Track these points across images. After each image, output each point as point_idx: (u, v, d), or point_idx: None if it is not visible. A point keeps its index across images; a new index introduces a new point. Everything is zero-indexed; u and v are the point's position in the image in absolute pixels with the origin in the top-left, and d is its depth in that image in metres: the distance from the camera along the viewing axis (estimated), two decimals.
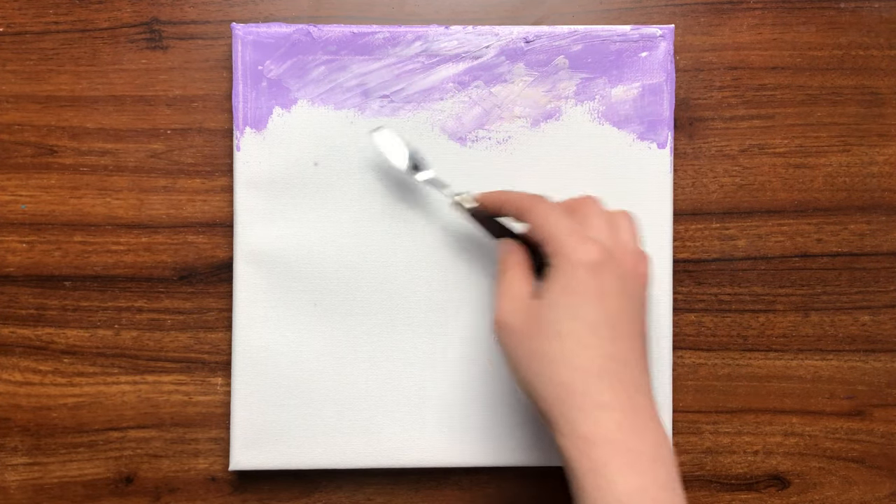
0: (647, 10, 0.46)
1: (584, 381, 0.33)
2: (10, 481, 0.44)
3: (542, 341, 0.34)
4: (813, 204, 0.46)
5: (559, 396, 0.34)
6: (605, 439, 0.32)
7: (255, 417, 0.43)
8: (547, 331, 0.34)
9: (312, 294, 0.43)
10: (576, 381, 0.33)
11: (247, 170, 0.43)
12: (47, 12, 0.45)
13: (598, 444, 0.32)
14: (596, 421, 0.33)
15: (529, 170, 0.44)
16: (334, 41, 0.43)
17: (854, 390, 0.46)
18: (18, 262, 0.45)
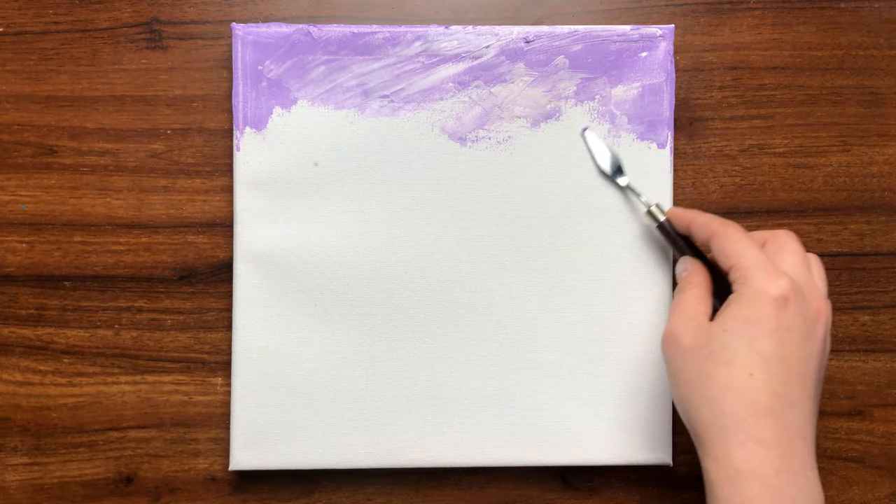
0: (647, 10, 0.46)
1: (749, 413, 0.33)
2: (10, 481, 0.44)
3: (713, 365, 0.34)
4: (813, 204, 0.46)
5: (719, 424, 0.33)
6: (760, 479, 0.32)
7: (255, 417, 0.43)
8: (720, 355, 0.34)
9: (312, 294, 0.43)
10: (739, 412, 0.33)
11: (247, 170, 0.43)
12: (47, 12, 0.45)
13: (751, 482, 0.32)
14: (753, 457, 0.32)
15: (529, 170, 0.44)
16: (334, 41, 0.43)
17: (854, 390, 0.46)
18: (18, 262, 0.45)
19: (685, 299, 0.37)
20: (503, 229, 0.44)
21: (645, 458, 0.44)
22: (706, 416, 0.34)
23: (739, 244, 0.36)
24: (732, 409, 0.33)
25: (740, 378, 0.33)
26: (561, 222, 0.44)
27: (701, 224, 0.39)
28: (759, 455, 0.32)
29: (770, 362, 0.33)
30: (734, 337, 0.34)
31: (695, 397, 0.34)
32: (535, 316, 0.44)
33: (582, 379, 0.44)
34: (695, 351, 0.35)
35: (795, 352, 0.34)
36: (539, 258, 0.44)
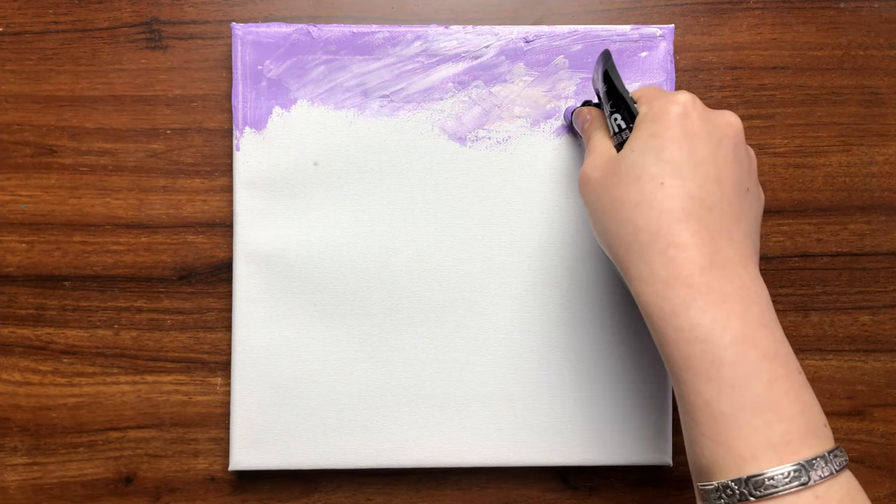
0: (647, 10, 0.46)
1: (664, 223, 0.32)
2: (9, 481, 0.44)
3: (623, 187, 0.33)
4: (813, 204, 0.46)
5: (637, 240, 0.32)
6: (683, 281, 0.31)
7: (254, 417, 0.43)
8: (628, 176, 0.33)
9: (312, 294, 0.43)
10: (654, 223, 0.32)
11: (246, 170, 0.43)
12: (47, 12, 0.45)
13: (677, 287, 0.31)
14: (674, 262, 0.31)
15: (529, 170, 0.44)
16: (334, 41, 0.43)
17: (854, 390, 0.46)
18: (18, 262, 0.45)
19: (596, 140, 0.37)
20: (503, 229, 0.44)
21: (645, 458, 0.44)
22: (625, 238, 0.33)
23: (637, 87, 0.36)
24: (646, 223, 0.32)
25: (651, 191, 0.32)
26: (561, 222, 0.44)
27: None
28: (680, 259, 0.31)
29: (681, 168, 0.32)
30: (641, 154, 0.33)
31: (611, 224, 0.33)
32: (535, 316, 0.44)
33: (582, 379, 0.44)
34: (606, 179, 0.34)
35: (707, 157, 0.33)
36: (539, 258, 0.44)
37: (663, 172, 0.32)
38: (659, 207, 0.32)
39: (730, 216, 0.32)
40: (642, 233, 0.32)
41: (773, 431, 0.30)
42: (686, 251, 0.31)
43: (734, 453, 0.30)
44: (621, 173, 0.33)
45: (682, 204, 0.32)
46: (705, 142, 0.33)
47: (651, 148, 0.33)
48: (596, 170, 0.35)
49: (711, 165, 0.33)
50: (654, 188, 0.32)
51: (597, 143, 0.37)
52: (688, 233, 0.31)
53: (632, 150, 0.34)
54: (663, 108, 0.33)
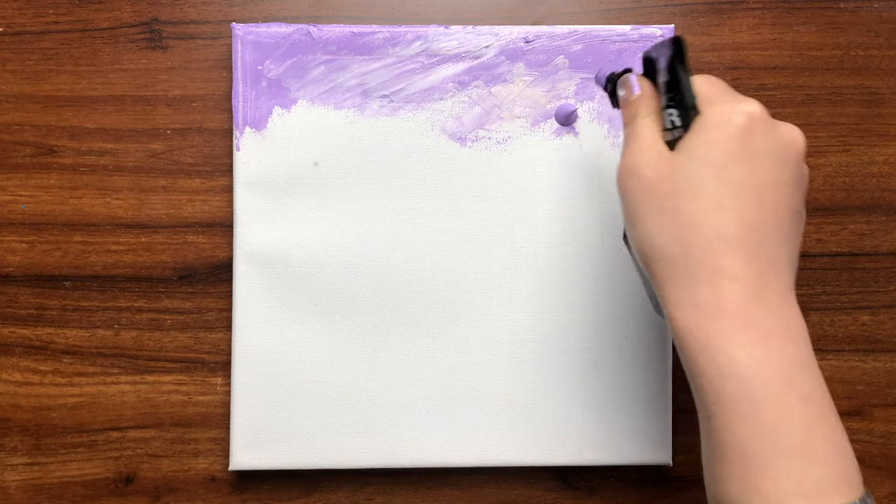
0: (647, 10, 0.46)
1: (715, 246, 0.29)
2: (9, 481, 0.44)
3: (677, 198, 0.30)
4: (812, 204, 0.46)
5: (682, 261, 0.30)
6: (729, 314, 0.29)
7: (254, 417, 0.43)
8: (684, 187, 0.30)
9: (312, 294, 0.43)
10: (706, 249, 0.29)
11: (247, 170, 0.43)
12: (47, 12, 0.45)
13: (718, 318, 0.29)
14: (719, 291, 0.29)
15: (529, 170, 0.44)
16: (334, 41, 0.43)
17: (854, 390, 0.46)
18: (18, 262, 0.45)
19: (643, 127, 0.32)
20: (503, 229, 0.44)
21: (645, 458, 0.44)
22: (670, 256, 0.30)
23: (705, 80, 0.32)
24: (698, 243, 0.30)
25: (707, 210, 0.30)
26: (561, 222, 0.44)
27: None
28: (726, 289, 0.29)
29: (740, 191, 0.30)
30: (700, 165, 0.30)
31: (656, 236, 0.31)
32: (535, 316, 0.44)
33: (582, 379, 0.44)
34: (657, 184, 0.31)
35: (768, 179, 0.30)
36: (539, 258, 0.44)
37: (722, 194, 0.30)
38: (714, 233, 0.29)
39: (780, 244, 0.31)
40: (691, 257, 0.30)
41: (807, 478, 0.28)
42: (734, 283, 0.29)
43: (762, 496, 0.28)
44: (677, 182, 0.30)
45: (738, 231, 0.29)
46: (768, 162, 0.30)
47: (711, 161, 0.30)
48: (645, 163, 0.31)
49: (771, 190, 0.30)
50: (711, 210, 0.30)
51: (647, 133, 0.32)
52: (740, 263, 0.29)
53: (689, 158, 0.30)
54: (727, 116, 0.30)
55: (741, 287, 0.29)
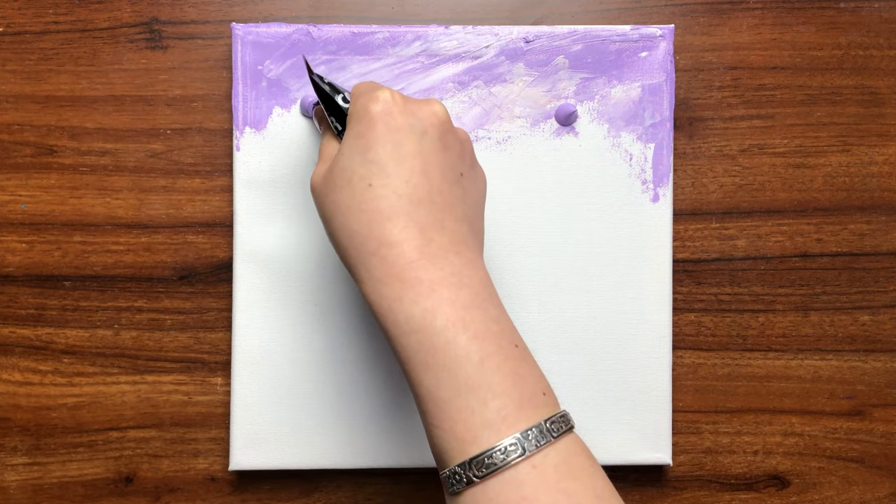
0: (647, 10, 0.46)
1: (374, 224, 0.32)
2: (9, 481, 0.44)
3: (337, 192, 0.33)
4: (813, 204, 0.46)
5: (353, 244, 0.32)
6: (396, 277, 0.31)
7: (254, 417, 0.43)
8: (340, 180, 0.33)
9: (312, 294, 0.43)
10: (365, 226, 0.32)
11: (246, 170, 0.43)
12: (47, 12, 0.45)
13: (390, 283, 0.31)
14: (384, 259, 0.31)
15: (529, 170, 0.44)
16: (334, 41, 0.43)
17: (854, 390, 0.46)
18: (18, 262, 0.45)
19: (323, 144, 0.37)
20: (503, 229, 0.44)
21: (645, 458, 0.44)
22: (343, 243, 0.33)
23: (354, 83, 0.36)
24: (360, 225, 0.32)
25: (360, 194, 0.32)
26: (561, 222, 0.44)
27: None
28: (389, 256, 0.31)
29: (386, 167, 0.32)
30: (349, 156, 0.33)
31: (333, 232, 0.34)
32: (535, 315, 0.44)
33: (582, 379, 0.44)
34: (324, 185, 0.34)
35: (412, 151, 0.33)
36: (539, 258, 0.44)
37: (370, 173, 0.32)
38: (368, 210, 0.32)
39: (441, 205, 0.33)
40: (356, 236, 0.32)
41: (489, 409, 0.30)
42: (395, 248, 0.31)
43: (457, 437, 0.30)
44: (335, 178, 0.33)
45: (389, 203, 0.32)
46: (409, 136, 0.33)
47: (358, 149, 0.33)
48: (318, 175, 0.35)
49: (417, 159, 0.33)
50: (362, 190, 0.32)
51: (324, 147, 0.37)
52: (396, 230, 0.32)
53: (342, 154, 0.34)
54: (365, 106, 0.33)
55: (404, 250, 0.31)
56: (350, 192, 0.33)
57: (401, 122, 0.33)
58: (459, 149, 0.35)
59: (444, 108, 0.34)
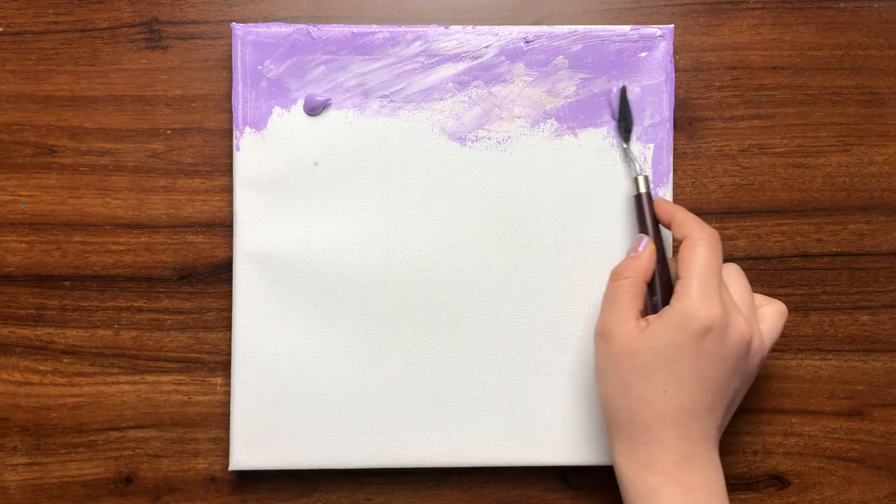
0: (647, 10, 0.46)
1: (655, 423, 0.37)
2: (9, 481, 0.44)
3: (632, 376, 0.37)
4: (812, 204, 0.46)
5: (629, 427, 0.37)
6: (658, 470, 0.36)
7: (254, 417, 0.43)
8: (640, 370, 0.37)
9: (312, 294, 0.43)
10: (648, 421, 0.37)
11: (246, 170, 0.43)
12: (47, 12, 0.45)
13: (651, 472, 0.37)
14: (654, 454, 0.37)
15: (529, 170, 0.44)
16: (334, 41, 0.43)
17: (853, 390, 0.46)
18: (18, 262, 0.45)
19: (620, 293, 0.39)
20: (503, 229, 0.44)
21: None
22: (620, 419, 0.38)
23: (698, 258, 0.38)
24: (642, 417, 0.37)
25: (654, 394, 0.37)
26: (560, 222, 0.44)
27: (680, 220, 0.40)
28: (659, 454, 0.37)
29: (684, 382, 0.36)
30: (656, 356, 0.37)
31: (612, 399, 0.38)
32: (535, 316, 0.44)
33: (581, 379, 0.44)
34: (621, 359, 0.37)
35: (710, 374, 0.37)
36: (538, 258, 0.44)
37: (668, 382, 0.36)
38: (655, 411, 0.37)
39: (714, 421, 0.37)
40: (634, 423, 0.37)
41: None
42: (666, 449, 0.37)
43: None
44: (636, 362, 0.37)
45: (675, 413, 0.36)
46: (713, 361, 0.37)
47: (665, 355, 0.36)
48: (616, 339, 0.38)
49: (712, 382, 0.37)
50: (656, 393, 0.37)
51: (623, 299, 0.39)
52: (672, 437, 0.37)
53: (650, 345, 0.37)
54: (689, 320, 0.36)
55: (671, 453, 0.36)
56: (645, 387, 0.37)
57: (711, 349, 0.36)
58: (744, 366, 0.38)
59: (749, 331, 0.37)
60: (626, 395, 0.37)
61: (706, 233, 0.38)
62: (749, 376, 0.39)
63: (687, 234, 0.39)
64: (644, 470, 0.37)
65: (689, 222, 0.39)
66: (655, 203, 0.42)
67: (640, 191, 0.42)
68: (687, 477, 0.36)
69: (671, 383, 0.36)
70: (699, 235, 0.38)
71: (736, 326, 0.37)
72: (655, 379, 0.37)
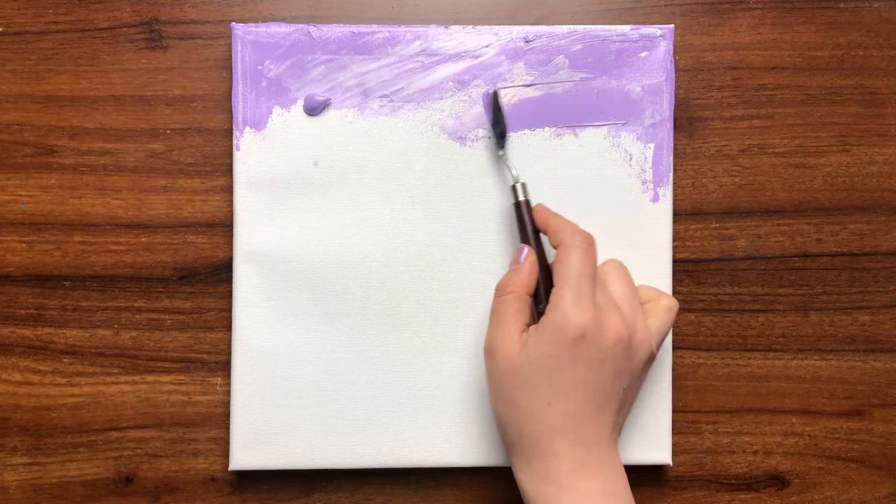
0: (647, 10, 0.46)
1: (545, 434, 0.37)
2: (9, 481, 0.44)
3: (517, 392, 0.37)
4: (812, 204, 0.46)
5: (522, 442, 0.37)
6: (555, 480, 0.36)
7: (254, 417, 0.43)
8: (524, 385, 0.37)
9: (312, 294, 0.43)
10: (538, 434, 0.37)
11: (246, 170, 0.43)
12: (47, 12, 0.45)
13: (548, 483, 0.36)
14: (548, 465, 0.37)
15: (529, 169, 0.44)
16: (334, 41, 0.43)
17: (853, 390, 0.46)
18: (18, 262, 0.45)
19: (502, 309, 0.39)
20: (503, 229, 0.44)
21: (645, 458, 0.44)
22: (513, 434, 0.38)
23: (570, 266, 0.38)
24: (532, 431, 0.37)
25: (539, 407, 0.37)
26: None
27: (555, 228, 0.40)
28: (553, 464, 0.37)
29: (566, 392, 0.36)
30: (535, 369, 0.37)
31: (503, 416, 0.38)
32: None
33: None
34: (506, 376, 0.38)
35: (592, 377, 0.37)
36: None
37: (551, 393, 0.37)
38: (544, 423, 0.37)
39: (606, 423, 0.37)
40: (526, 438, 0.37)
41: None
42: (559, 458, 0.36)
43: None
44: (518, 378, 0.37)
45: (563, 421, 0.36)
46: (591, 365, 0.37)
47: (544, 366, 0.37)
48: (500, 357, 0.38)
49: (594, 386, 0.37)
50: (542, 406, 0.37)
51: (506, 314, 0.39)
52: (564, 445, 0.36)
53: (529, 359, 0.37)
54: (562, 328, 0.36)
55: (565, 461, 0.36)
56: (531, 401, 0.37)
57: (587, 355, 0.36)
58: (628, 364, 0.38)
59: (624, 331, 0.37)
60: (515, 411, 0.37)
61: (580, 238, 0.38)
62: (637, 373, 0.39)
63: (560, 241, 0.39)
64: (541, 482, 0.37)
65: (563, 229, 0.39)
66: (534, 211, 0.41)
67: (519, 199, 0.41)
68: (583, 484, 0.36)
69: (554, 394, 0.37)
70: (572, 241, 0.38)
71: (611, 328, 0.37)
72: (539, 392, 0.37)
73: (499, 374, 0.38)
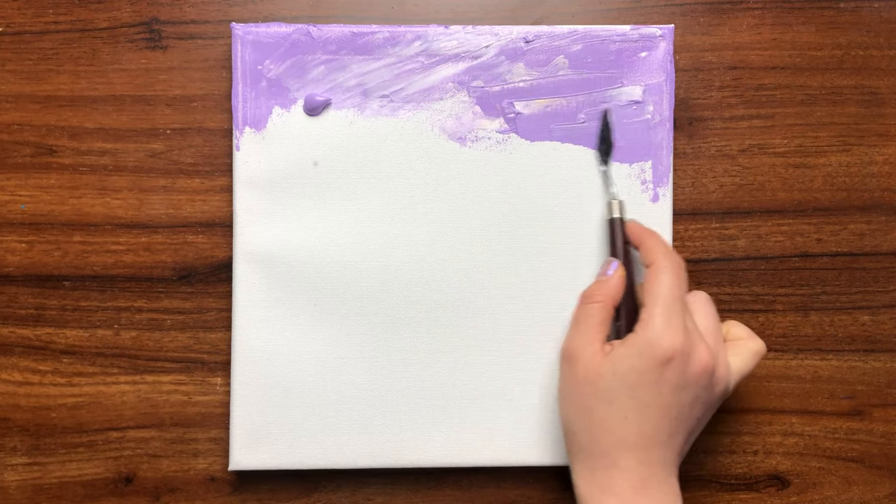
0: (647, 10, 0.46)
1: (616, 447, 0.37)
2: (9, 481, 0.44)
3: (595, 400, 0.38)
4: (813, 204, 0.46)
5: (590, 450, 0.38)
6: (616, 494, 0.37)
7: (254, 417, 0.43)
8: (603, 395, 0.37)
9: (312, 294, 0.43)
10: (608, 445, 0.37)
11: (246, 170, 0.43)
12: (47, 12, 0.45)
13: (609, 496, 0.37)
14: (612, 477, 0.37)
15: (529, 170, 0.44)
16: (334, 41, 0.43)
17: (853, 390, 0.46)
18: (18, 262, 0.45)
19: (587, 317, 0.39)
20: (503, 229, 0.44)
21: None
22: (581, 442, 0.38)
23: (662, 287, 0.38)
24: (603, 441, 0.37)
25: (615, 419, 0.37)
26: (560, 222, 0.44)
27: (648, 247, 0.40)
28: (617, 478, 0.37)
29: (645, 409, 0.37)
30: (618, 382, 0.37)
31: (573, 422, 0.39)
32: (535, 316, 0.44)
33: None
34: (584, 383, 0.38)
35: (671, 401, 0.37)
36: (538, 258, 0.44)
37: (629, 407, 0.37)
38: (616, 436, 0.37)
39: (675, 446, 0.38)
40: (594, 447, 0.38)
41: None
42: (625, 473, 0.37)
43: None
44: (598, 387, 0.38)
45: (635, 439, 0.37)
46: (674, 389, 0.37)
47: (627, 381, 0.37)
48: (580, 363, 0.38)
49: (674, 409, 0.37)
50: (618, 418, 0.37)
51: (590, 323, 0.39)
52: (631, 462, 0.37)
53: (613, 371, 0.37)
54: (652, 349, 0.37)
55: (630, 477, 0.37)
56: (607, 412, 0.37)
57: (672, 378, 0.37)
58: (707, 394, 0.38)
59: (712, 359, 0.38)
60: (587, 419, 0.38)
61: (671, 261, 0.39)
62: (712, 405, 0.39)
63: (652, 262, 0.39)
64: (602, 494, 0.37)
65: (656, 249, 0.40)
66: (627, 225, 0.42)
67: (614, 215, 0.42)
68: (644, 502, 0.37)
69: (632, 409, 0.37)
70: (664, 264, 0.39)
71: (698, 356, 0.37)
72: (617, 404, 0.37)
73: (576, 380, 0.38)
